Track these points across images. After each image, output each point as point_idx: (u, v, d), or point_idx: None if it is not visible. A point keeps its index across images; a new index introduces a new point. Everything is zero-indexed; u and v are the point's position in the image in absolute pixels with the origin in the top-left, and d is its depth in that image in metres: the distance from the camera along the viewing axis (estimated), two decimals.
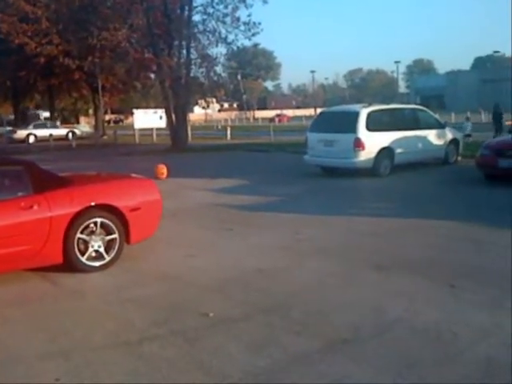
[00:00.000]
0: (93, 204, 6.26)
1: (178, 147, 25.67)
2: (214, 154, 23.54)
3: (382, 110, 14.88)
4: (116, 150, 27.72)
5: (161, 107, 30.62)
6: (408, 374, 3.72)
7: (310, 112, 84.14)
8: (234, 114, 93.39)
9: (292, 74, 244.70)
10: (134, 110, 34.25)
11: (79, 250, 6.17)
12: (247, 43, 30.26)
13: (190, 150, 25.38)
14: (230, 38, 26.43)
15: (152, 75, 33.42)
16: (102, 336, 4.50)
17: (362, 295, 5.33)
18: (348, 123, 13.76)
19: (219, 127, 50.03)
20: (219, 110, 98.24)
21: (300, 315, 4.85)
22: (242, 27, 26.05)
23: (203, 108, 37.34)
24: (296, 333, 4.46)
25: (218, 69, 28.75)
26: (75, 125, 50.82)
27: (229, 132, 33.79)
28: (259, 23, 26.15)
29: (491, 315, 4.68)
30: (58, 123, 46.65)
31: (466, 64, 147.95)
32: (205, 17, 26.25)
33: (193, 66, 26.73)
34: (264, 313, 4.95)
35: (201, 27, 26.61)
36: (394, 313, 4.82)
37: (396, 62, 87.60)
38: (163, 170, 15.58)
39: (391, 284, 5.63)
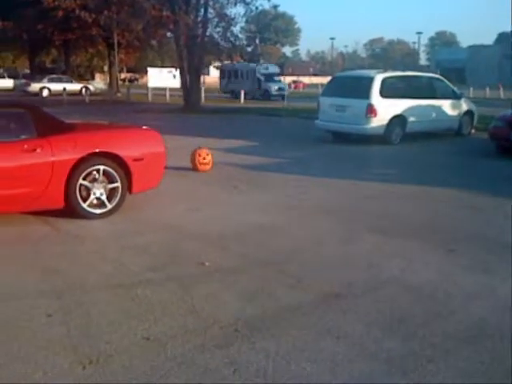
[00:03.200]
0: (96, 151, 6.25)
1: (190, 108, 25.47)
2: (225, 116, 23.34)
3: (398, 76, 14.62)
4: (128, 107, 27.61)
5: (176, 67, 30.31)
6: (397, 328, 3.72)
7: (327, 80, 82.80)
8: None
9: (311, 40, 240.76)
10: (149, 69, 33.98)
11: (81, 196, 6.17)
12: (266, 5, 29.74)
13: (202, 111, 25.20)
14: None
15: (168, 34, 32.99)
16: (96, 278, 4.53)
17: (359, 254, 5.31)
18: (361, 88, 13.54)
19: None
20: None
21: (296, 270, 4.85)
22: None
23: (217, 68, 36.84)
24: (290, 286, 4.46)
25: (236, 30, 28.33)
26: (90, 81, 50.52)
27: (242, 96, 33.47)
28: None
29: (486, 279, 4.66)
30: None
31: (489, 39, 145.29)
32: None
33: (209, 26, 26.35)
34: (260, 266, 4.95)
35: None
36: (389, 272, 4.81)
37: (418, 33, 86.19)
38: (208, 156, 9.78)
39: (390, 246, 5.60)
